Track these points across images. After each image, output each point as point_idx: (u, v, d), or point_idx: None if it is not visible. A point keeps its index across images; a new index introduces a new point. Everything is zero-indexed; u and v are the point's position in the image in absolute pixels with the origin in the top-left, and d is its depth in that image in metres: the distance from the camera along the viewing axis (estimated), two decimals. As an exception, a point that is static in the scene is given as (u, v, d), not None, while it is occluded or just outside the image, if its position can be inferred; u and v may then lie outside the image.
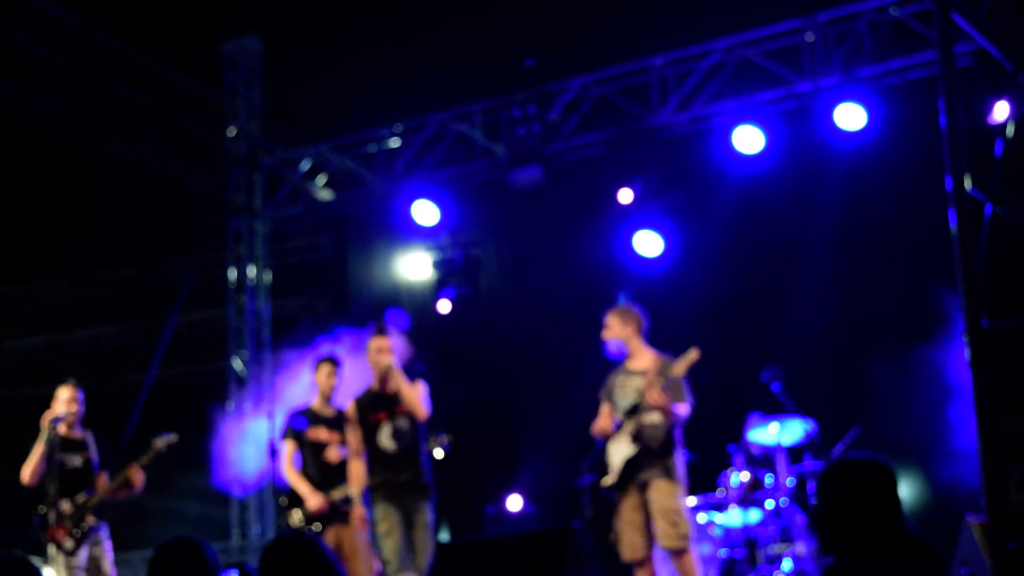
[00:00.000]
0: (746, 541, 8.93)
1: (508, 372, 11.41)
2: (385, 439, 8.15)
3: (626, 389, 7.97)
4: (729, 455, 9.28)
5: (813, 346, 10.17)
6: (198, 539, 4.61)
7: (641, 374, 7.91)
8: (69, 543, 8.31)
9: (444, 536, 11.58)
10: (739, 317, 10.90)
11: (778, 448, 9.24)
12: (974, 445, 5.00)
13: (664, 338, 8.92)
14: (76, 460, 8.48)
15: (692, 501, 9.09)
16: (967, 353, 5.06)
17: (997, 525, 4.86)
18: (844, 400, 9.85)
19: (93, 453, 8.54)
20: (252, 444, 10.16)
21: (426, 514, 8.11)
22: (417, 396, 8.25)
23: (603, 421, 8.00)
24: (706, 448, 9.42)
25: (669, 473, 7.70)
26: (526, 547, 5.69)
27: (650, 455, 7.73)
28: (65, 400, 8.45)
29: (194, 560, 4.50)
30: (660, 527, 7.65)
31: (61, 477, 8.28)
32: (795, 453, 9.29)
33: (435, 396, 8.32)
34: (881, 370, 10.03)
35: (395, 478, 8.06)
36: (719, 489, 9.12)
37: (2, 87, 11.17)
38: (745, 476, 9.03)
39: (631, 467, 7.77)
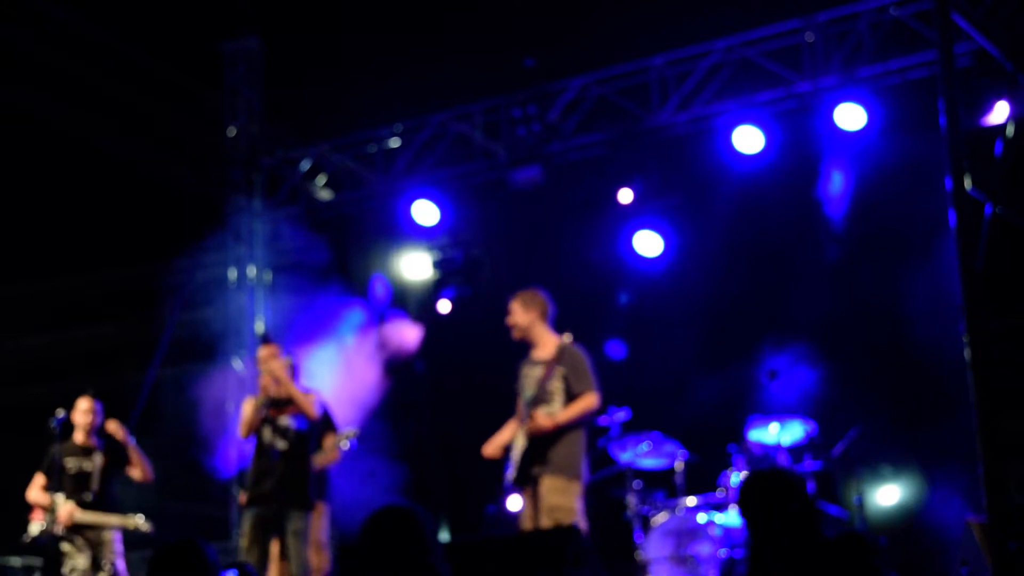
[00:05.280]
0: (746, 541, 8.91)
1: (508, 372, 11.39)
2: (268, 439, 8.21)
3: (529, 379, 7.81)
4: (729, 455, 9.28)
5: (813, 346, 10.17)
6: (198, 539, 4.61)
7: (542, 363, 7.75)
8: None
9: (444, 536, 11.57)
10: (739, 317, 10.90)
11: (778, 448, 9.23)
12: (974, 445, 5.01)
13: (664, 338, 8.94)
14: (86, 465, 8.95)
15: (692, 501, 9.10)
16: (967, 353, 5.07)
17: (997, 525, 4.86)
18: (844, 400, 9.84)
19: (99, 460, 8.99)
20: None
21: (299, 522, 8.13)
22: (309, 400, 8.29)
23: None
24: (706, 448, 9.43)
25: (560, 468, 7.48)
26: (526, 547, 5.70)
27: (543, 449, 7.55)
28: (82, 411, 9.00)
29: (194, 560, 4.50)
30: (543, 525, 7.44)
31: (66, 480, 8.84)
32: (795, 453, 9.30)
33: (435, 396, 8.34)
34: (881, 369, 10.03)
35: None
36: (719, 489, 9.12)
37: (2, 87, 11.16)
38: (745, 476, 9.02)
39: (526, 461, 7.60)
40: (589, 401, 7.60)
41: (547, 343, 7.83)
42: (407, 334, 11.39)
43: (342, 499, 9.77)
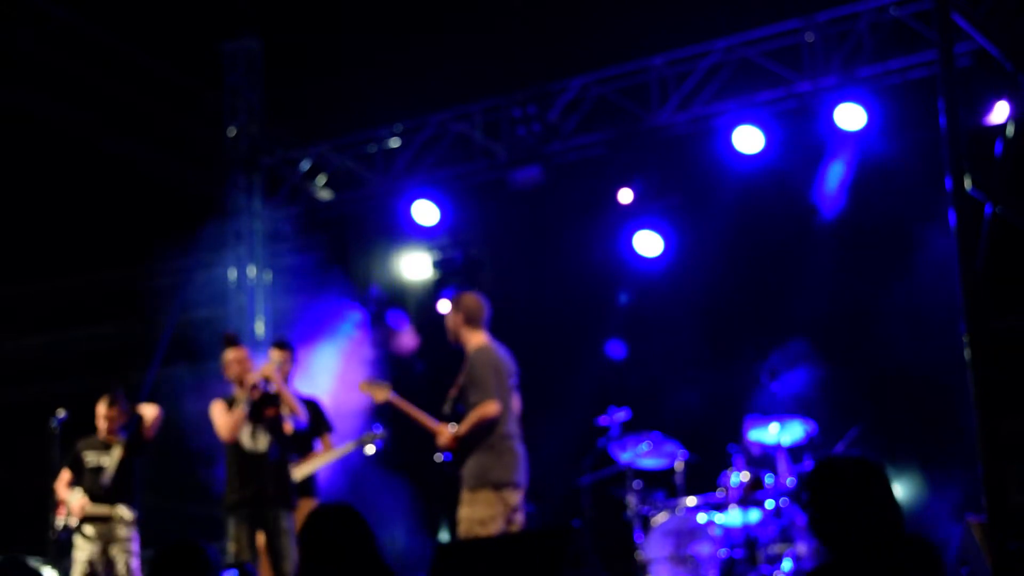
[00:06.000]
0: (746, 541, 8.93)
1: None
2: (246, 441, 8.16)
3: None
4: (729, 455, 9.29)
5: (813, 346, 10.17)
6: (198, 539, 4.62)
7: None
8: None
9: (444, 536, 11.57)
10: (739, 317, 10.90)
11: (778, 448, 9.24)
12: (974, 445, 5.00)
13: (664, 338, 8.90)
14: (103, 460, 8.94)
15: (692, 501, 9.09)
16: (967, 353, 5.07)
17: (997, 525, 4.86)
18: (844, 400, 9.85)
19: (116, 453, 8.96)
20: None
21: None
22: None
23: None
24: (706, 448, 9.43)
25: (465, 481, 7.47)
26: (526, 547, 5.69)
27: (458, 465, 7.56)
28: (100, 416, 9.01)
29: (194, 561, 4.51)
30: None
31: (85, 474, 8.87)
32: (795, 453, 9.30)
33: (435, 396, 8.26)
34: (881, 369, 10.03)
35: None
36: (719, 489, 9.13)
37: (2, 87, 11.16)
38: (745, 476, 9.04)
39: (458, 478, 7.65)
40: (483, 410, 7.47)
41: (469, 349, 7.71)
42: (405, 341, 11.40)
43: (342, 498, 9.76)
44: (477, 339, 7.69)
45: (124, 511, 8.78)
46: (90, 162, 12.13)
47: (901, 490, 10.21)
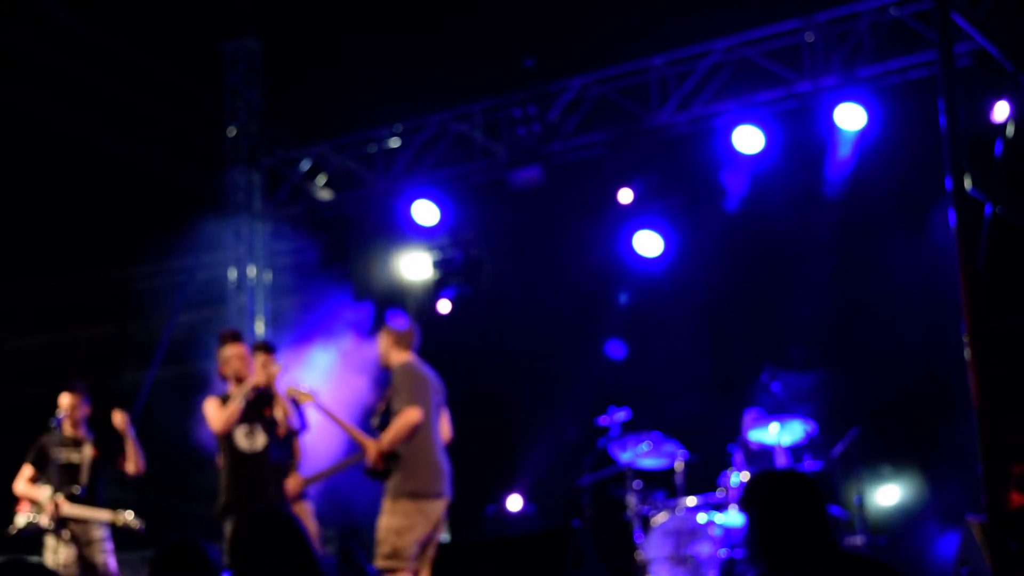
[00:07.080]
0: (746, 541, 8.91)
1: (508, 372, 11.41)
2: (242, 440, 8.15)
3: None
4: (729, 455, 9.29)
5: (813, 346, 10.18)
6: (200, 540, 4.61)
7: None
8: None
9: (444, 536, 11.57)
10: (738, 317, 10.91)
11: (778, 448, 9.24)
12: (974, 445, 5.00)
13: (664, 338, 8.88)
14: (74, 457, 8.77)
15: (692, 501, 9.10)
16: (967, 353, 5.07)
17: (997, 525, 4.86)
18: (844, 400, 9.85)
19: (88, 452, 8.81)
20: None
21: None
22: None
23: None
24: (706, 448, 9.43)
25: (389, 490, 7.52)
26: (526, 547, 5.70)
27: (386, 477, 7.63)
28: (65, 406, 8.79)
29: (196, 561, 4.50)
30: None
31: (54, 471, 8.65)
32: (795, 453, 9.30)
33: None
34: (881, 369, 10.03)
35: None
36: (719, 489, 9.13)
37: (2, 87, 11.17)
38: (745, 476, 9.04)
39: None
40: (406, 417, 7.50)
41: (394, 365, 7.80)
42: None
43: (342, 498, 9.78)
44: (403, 357, 7.79)
45: (130, 517, 8.68)
46: (90, 162, 12.14)
47: (901, 490, 10.22)
